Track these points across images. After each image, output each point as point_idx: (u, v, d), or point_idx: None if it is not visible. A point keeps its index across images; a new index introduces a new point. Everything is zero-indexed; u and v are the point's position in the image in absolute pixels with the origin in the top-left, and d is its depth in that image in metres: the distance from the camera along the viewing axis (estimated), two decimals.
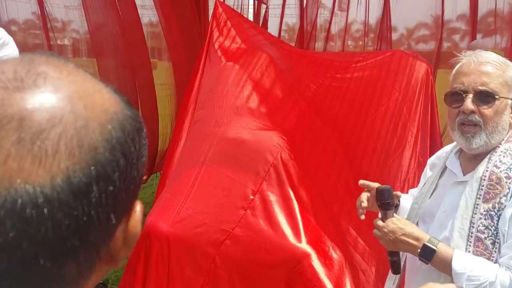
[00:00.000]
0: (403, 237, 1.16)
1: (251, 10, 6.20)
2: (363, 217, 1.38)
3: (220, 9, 2.83)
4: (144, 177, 4.69)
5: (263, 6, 5.82)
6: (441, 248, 1.12)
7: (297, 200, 2.05)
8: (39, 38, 3.85)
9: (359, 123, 2.80)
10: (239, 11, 6.00)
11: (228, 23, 2.74)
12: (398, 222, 1.19)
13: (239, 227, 1.98)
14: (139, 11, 4.58)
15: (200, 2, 5.40)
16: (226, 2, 5.88)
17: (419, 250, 1.13)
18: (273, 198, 2.04)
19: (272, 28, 6.36)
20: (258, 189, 2.06)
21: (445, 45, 6.49)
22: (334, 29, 6.36)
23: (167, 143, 4.83)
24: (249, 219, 2.00)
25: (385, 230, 1.19)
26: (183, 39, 4.80)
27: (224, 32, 2.70)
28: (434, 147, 3.03)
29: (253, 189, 2.06)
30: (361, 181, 1.38)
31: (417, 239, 1.14)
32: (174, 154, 2.65)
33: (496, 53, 1.21)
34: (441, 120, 3.25)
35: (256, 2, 5.96)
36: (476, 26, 5.67)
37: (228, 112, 2.30)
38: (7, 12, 3.58)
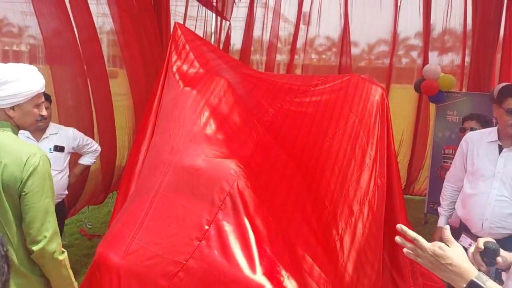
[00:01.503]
0: (449, 267, 1.13)
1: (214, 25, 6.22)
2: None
3: (179, 32, 2.80)
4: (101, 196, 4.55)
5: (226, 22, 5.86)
6: (491, 286, 1.08)
7: (253, 230, 2.03)
8: None
9: (317, 147, 2.83)
10: (202, 25, 6.00)
11: (187, 46, 2.72)
12: (448, 251, 1.15)
13: (193, 258, 1.94)
14: (100, 19, 4.48)
15: (162, 19, 5.35)
16: (189, 15, 5.93)
17: (464, 286, 1.10)
18: (228, 228, 2.01)
19: (237, 40, 6.40)
20: (213, 219, 2.03)
21: (404, 61, 6.74)
22: (299, 42, 6.48)
23: (125, 159, 4.71)
24: (203, 250, 1.97)
25: (430, 252, 1.15)
26: (142, 54, 4.71)
27: (182, 56, 2.67)
28: (390, 170, 3.11)
29: (208, 219, 2.03)
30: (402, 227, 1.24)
31: (464, 272, 1.12)
32: (131, 178, 2.58)
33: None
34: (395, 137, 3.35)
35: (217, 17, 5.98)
36: (428, 44, 5.92)
37: (185, 139, 2.27)
38: None
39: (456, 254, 1.14)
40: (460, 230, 2.74)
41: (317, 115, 2.94)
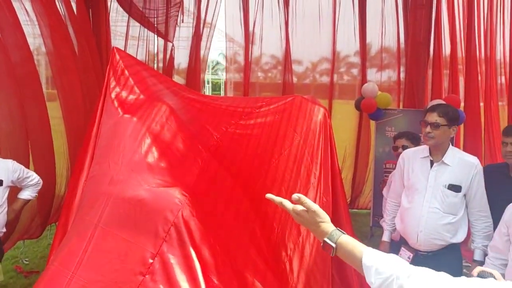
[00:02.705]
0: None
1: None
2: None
3: (117, 57, 2.72)
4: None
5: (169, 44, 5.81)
6: (343, 243, 1.23)
7: (199, 261, 1.98)
8: None
9: (263, 168, 2.84)
10: (145, 44, 5.90)
11: (126, 72, 2.64)
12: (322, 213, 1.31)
13: None
14: (36, 39, 4.27)
15: (102, 39, 5.21)
16: (131, 35, 5.81)
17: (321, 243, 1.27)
18: (174, 260, 1.94)
19: (181, 60, 6.36)
20: (157, 251, 1.95)
21: (345, 77, 7.02)
22: (244, 61, 6.55)
23: (63, 188, 4.46)
24: (148, 285, 1.88)
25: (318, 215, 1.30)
26: (78, 76, 4.53)
27: (121, 82, 2.59)
28: (335, 187, 3.18)
29: (153, 252, 1.95)
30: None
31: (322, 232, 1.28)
32: (70, 211, 2.44)
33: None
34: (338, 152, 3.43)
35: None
36: (365, 61, 6.22)
37: (125, 168, 2.18)
38: None
39: (326, 218, 1.32)
40: (400, 243, 2.84)
41: (263, 136, 2.95)
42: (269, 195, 1.41)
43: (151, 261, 1.92)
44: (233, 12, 6.15)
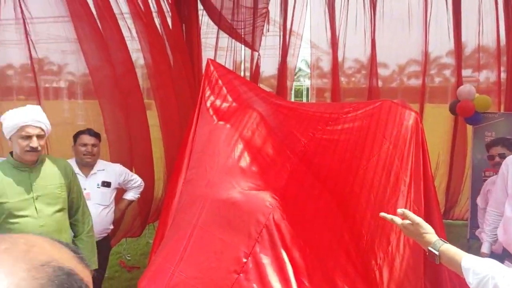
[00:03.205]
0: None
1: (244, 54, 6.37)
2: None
3: (211, 68, 2.90)
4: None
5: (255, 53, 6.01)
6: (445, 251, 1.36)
7: (290, 262, 2.04)
8: (37, 81, 3.95)
9: (351, 175, 2.82)
10: (232, 54, 6.17)
11: (220, 81, 2.81)
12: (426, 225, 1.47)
13: None
14: (135, 54, 4.70)
15: (194, 51, 5.55)
16: (219, 47, 6.11)
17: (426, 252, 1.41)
18: (266, 261, 2.03)
19: (266, 68, 6.53)
20: (251, 251, 2.05)
21: (436, 80, 6.65)
22: (327, 66, 6.53)
23: (161, 191, 4.81)
24: (242, 283, 1.98)
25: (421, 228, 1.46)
26: (173, 85, 4.86)
27: (215, 91, 2.76)
28: (428, 195, 3.04)
29: (246, 251, 2.05)
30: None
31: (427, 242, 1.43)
32: (169, 212, 2.65)
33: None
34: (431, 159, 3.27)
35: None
36: (461, 62, 5.83)
37: (220, 172, 2.32)
38: (5, 57, 3.69)
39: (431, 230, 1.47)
40: (503, 256, 2.64)
41: (350, 142, 2.93)
42: (382, 214, 1.62)
43: (244, 260, 2.02)
44: (318, 18, 6.18)
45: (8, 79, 4.05)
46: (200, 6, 5.73)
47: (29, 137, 2.25)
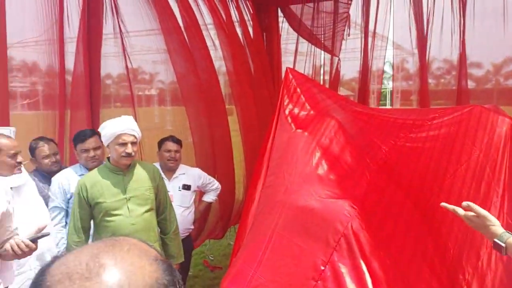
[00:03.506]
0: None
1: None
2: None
3: (290, 76, 2.96)
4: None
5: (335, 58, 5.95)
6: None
7: (369, 273, 2.01)
8: (130, 89, 4.32)
9: (436, 184, 2.69)
10: (311, 59, 6.18)
11: (298, 90, 2.85)
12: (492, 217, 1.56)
13: None
14: (218, 62, 4.92)
15: (274, 57, 5.67)
16: (299, 51, 6.15)
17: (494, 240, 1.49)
18: (344, 270, 2.02)
19: (347, 70, 6.43)
20: (328, 259, 2.06)
21: None
22: (413, 68, 6.25)
23: (241, 194, 4.97)
24: None
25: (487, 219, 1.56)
26: (253, 91, 5.00)
27: (294, 99, 2.81)
28: None
29: (324, 259, 2.06)
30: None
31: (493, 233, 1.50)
32: (248, 216, 2.75)
33: None
34: None
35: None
36: None
37: (298, 179, 2.36)
38: (103, 67, 4.09)
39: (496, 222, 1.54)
40: None
41: (436, 150, 2.80)
42: (443, 204, 1.71)
43: (322, 268, 2.04)
44: (402, 18, 5.95)
45: (107, 88, 4.48)
46: (280, 14, 5.84)
47: (124, 144, 2.52)
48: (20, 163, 2.30)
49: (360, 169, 2.48)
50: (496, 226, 1.51)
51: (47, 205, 2.81)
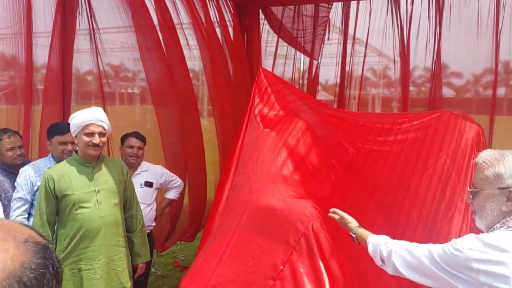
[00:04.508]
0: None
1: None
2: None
3: (262, 76, 2.95)
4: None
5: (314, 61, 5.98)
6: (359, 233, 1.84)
7: (327, 273, 2.01)
8: (111, 87, 4.25)
9: (402, 188, 2.70)
10: (292, 63, 6.19)
11: (269, 89, 2.85)
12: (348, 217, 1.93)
13: None
14: (196, 62, 4.87)
15: (254, 59, 5.66)
16: (279, 54, 6.16)
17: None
18: (303, 269, 2.01)
19: (328, 76, 6.46)
20: (288, 259, 2.05)
21: None
22: (394, 75, 6.32)
23: (213, 194, 4.91)
24: None
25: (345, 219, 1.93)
26: (229, 93, 4.96)
27: (264, 99, 2.81)
28: None
29: (283, 259, 2.05)
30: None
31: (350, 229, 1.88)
32: (215, 215, 2.72)
33: None
34: None
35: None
36: None
37: (262, 179, 2.35)
38: (83, 64, 4.01)
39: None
40: None
41: (403, 154, 2.82)
42: (330, 214, 1.99)
43: (281, 267, 2.03)
44: (382, 25, 6.01)
45: (87, 84, 4.40)
46: (261, 16, 5.84)
47: (92, 134, 2.48)
48: None
49: (325, 170, 2.48)
50: (352, 223, 1.89)
51: (6, 199, 2.74)
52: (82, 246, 2.47)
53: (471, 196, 1.50)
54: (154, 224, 3.54)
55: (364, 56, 6.11)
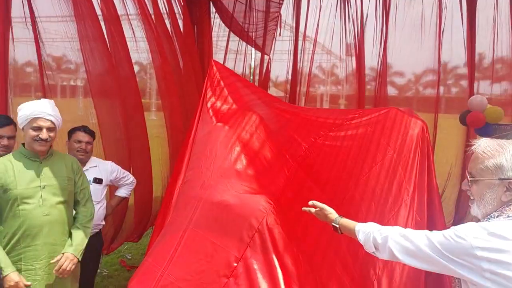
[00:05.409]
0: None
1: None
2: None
3: (215, 69, 2.88)
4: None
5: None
6: (342, 222, 1.83)
7: (281, 268, 1.99)
8: (53, 79, 3.99)
9: (352, 182, 2.76)
10: (243, 58, 6.15)
11: (221, 83, 2.78)
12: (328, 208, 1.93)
13: None
14: (143, 54, 4.68)
15: (204, 53, 5.55)
16: (230, 49, 6.09)
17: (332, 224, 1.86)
18: (257, 266, 1.98)
19: (279, 73, 6.48)
20: (241, 256, 2.01)
21: (454, 90, 6.52)
22: (342, 74, 6.47)
23: (159, 192, 4.76)
24: None
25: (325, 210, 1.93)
26: (180, 87, 4.83)
27: (216, 92, 2.74)
28: (431, 206, 2.95)
29: (237, 255, 2.01)
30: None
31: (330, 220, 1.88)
32: (166, 212, 2.62)
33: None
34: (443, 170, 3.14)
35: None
36: (473, 73, 5.70)
37: (215, 174, 2.29)
38: (19, 54, 3.72)
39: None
40: None
41: (353, 149, 2.87)
42: (304, 208, 2.00)
43: (235, 264, 1.98)
44: (331, 23, 6.12)
45: (27, 76, 4.10)
46: (212, 9, 5.74)
47: (39, 128, 2.31)
48: None
49: (279, 165, 2.47)
50: (332, 213, 1.88)
51: None
52: (23, 244, 2.30)
53: (469, 184, 1.50)
54: (103, 222, 3.37)
55: (313, 54, 6.19)
